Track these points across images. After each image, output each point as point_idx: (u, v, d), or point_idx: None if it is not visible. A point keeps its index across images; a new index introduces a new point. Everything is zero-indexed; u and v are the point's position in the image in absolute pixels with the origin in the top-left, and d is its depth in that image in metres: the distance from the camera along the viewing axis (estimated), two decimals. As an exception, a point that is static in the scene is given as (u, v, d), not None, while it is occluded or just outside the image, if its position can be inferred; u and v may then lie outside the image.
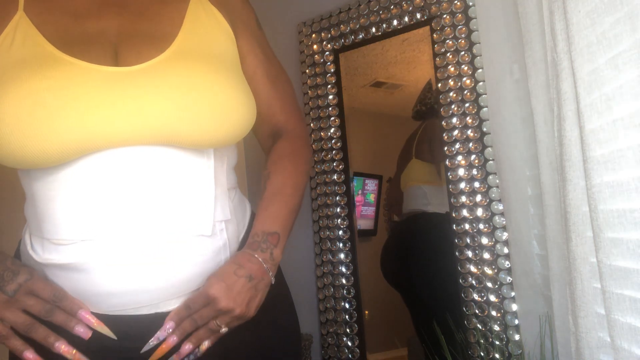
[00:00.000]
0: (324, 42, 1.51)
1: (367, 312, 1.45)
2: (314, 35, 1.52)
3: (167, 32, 0.76)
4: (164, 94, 0.68)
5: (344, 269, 1.45)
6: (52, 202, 0.68)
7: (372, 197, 1.57)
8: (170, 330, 0.70)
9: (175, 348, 0.71)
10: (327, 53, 1.50)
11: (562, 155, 0.73)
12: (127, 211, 0.67)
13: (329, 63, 1.50)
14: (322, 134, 1.50)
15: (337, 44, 1.48)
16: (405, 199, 1.46)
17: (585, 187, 0.68)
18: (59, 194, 0.68)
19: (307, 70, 1.53)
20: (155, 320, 0.70)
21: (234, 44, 0.81)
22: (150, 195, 0.68)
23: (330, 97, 1.49)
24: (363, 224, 1.53)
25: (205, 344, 0.72)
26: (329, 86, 1.49)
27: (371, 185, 1.57)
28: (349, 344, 1.44)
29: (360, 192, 1.53)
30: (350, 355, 1.43)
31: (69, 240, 0.67)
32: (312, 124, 1.51)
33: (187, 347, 0.70)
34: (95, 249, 0.67)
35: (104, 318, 0.69)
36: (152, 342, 0.69)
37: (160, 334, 0.69)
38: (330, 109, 1.49)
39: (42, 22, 0.74)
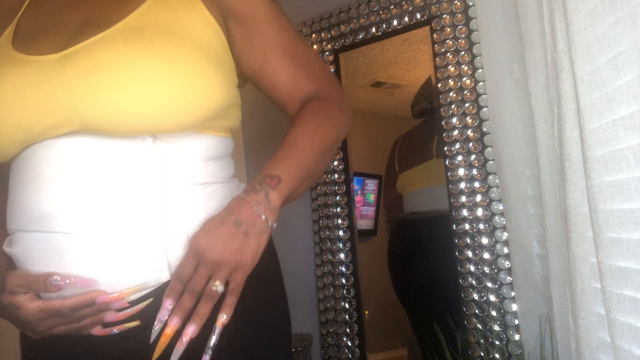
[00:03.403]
0: (324, 42, 1.51)
1: (367, 312, 1.45)
2: (314, 35, 1.52)
3: (122, 15, 0.71)
4: (76, 77, 0.64)
5: (344, 269, 1.45)
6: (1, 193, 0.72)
7: (372, 197, 1.57)
8: (171, 307, 0.64)
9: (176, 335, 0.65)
10: (327, 53, 1.50)
11: (562, 155, 0.73)
12: (46, 205, 0.65)
13: (329, 63, 1.50)
14: (322, 134, 1.50)
15: (337, 44, 1.48)
16: (427, 199, 1.42)
17: (585, 187, 0.68)
18: (6, 186, 0.71)
19: (307, 70, 1.53)
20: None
21: (215, 29, 0.74)
22: (69, 190, 0.65)
23: (330, 97, 1.49)
24: (363, 224, 1.53)
25: (222, 319, 0.65)
26: (329, 86, 1.49)
27: (371, 185, 1.57)
28: (349, 344, 1.43)
29: (360, 192, 1.53)
30: (350, 355, 1.43)
31: (10, 229, 0.70)
32: (312, 124, 1.51)
33: (190, 328, 0.63)
34: (24, 241, 0.67)
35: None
36: (156, 326, 0.64)
37: (161, 315, 0.64)
38: (330, 109, 1.49)
39: (28, 22, 0.76)
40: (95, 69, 0.63)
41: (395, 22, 1.36)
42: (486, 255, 1.17)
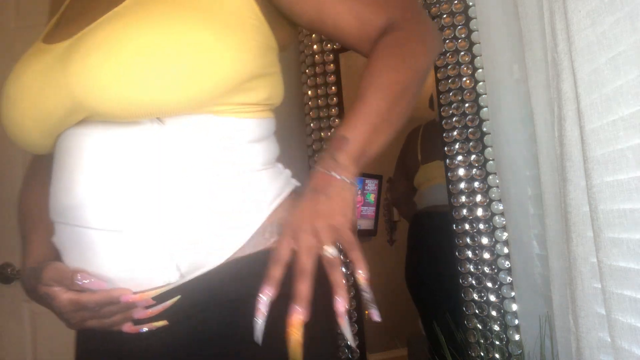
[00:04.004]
0: (324, 42, 1.51)
1: (367, 312, 1.45)
2: (314, 35, 1.52)
3: None
4: (77, 61, 0.61)
5: (343, 269, 1.45)
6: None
7: (372, 197, 1.57)
8: (270, 293, 0.61)
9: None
10: (327, 53, 1.50)
11: (562, 155, 0.73)
12: (64, 196, 0.65)
13: (329, 63, 1.50)
14: (322, 134, 1.50)
15: (337, 44, 1.48)
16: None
17: (585, 187, 0.68)
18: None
19: (307, 71, 1.53)
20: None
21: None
22: (87, 181, 0.64)
23: (330, 97, 1.49)
24: (363, 224, 1.53)
25: (361, 275, 0.65)
26: (329, 86, 1.49)
27: (371, 185, 1.57)
28: (349, 343, 1.44)
29: (360, 192, 1.53)
30: (350, 355, 1.43)
31: (51, 219, 0.70)
32: (312, 124, 1.51)
33: (340, 305, 0.62)
34: (57, 232, 0.68)
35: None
36: (258, 320, 0.60)
37: (261, 305, 0.60)
38: (330, 109, 1.49)
39: (69, 12, 0.75)
40: (92, 50, 0.60)
41: (395, 22, 1.36)
42: (486, 255, 1.17)
